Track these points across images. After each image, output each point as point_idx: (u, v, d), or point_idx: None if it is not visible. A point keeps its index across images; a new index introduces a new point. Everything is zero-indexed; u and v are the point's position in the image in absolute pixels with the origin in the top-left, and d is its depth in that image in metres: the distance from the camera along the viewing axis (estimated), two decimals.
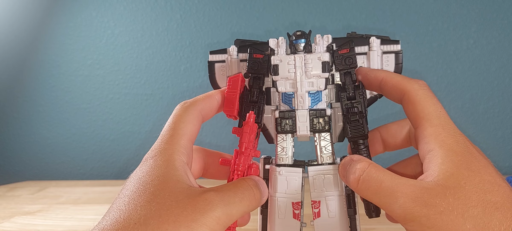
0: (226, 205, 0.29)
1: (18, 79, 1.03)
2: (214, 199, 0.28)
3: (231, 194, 0.30)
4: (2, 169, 1.05)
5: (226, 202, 0.29)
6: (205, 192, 0.29)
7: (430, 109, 0.31)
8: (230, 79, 0.37)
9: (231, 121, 0.38)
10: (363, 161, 0.31)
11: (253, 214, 0.39)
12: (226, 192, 0.30)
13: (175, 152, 0.32)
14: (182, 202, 0.27)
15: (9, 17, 1.01)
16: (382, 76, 0.35)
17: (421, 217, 0.26)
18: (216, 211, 0.28)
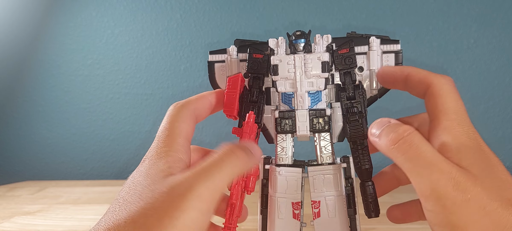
0: (206, 180, 0.28)
1: (18, 79, 1.03)
2: (191, 180, 0.28)
3: (210, 165, 0.29)
4: (2, 169, 1.05)
5: (205, 177, 0.28)
6: (184, 176, 0.28)
7: (450, 104, 0.31)
8: (229, 79, 0.37)
9: (231, 121, 0.38)
10: (406, 125, 0.30)
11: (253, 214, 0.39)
12: (204, 166, 0.29)
13: (172, 150, 0.32)
14: (165, 194, 0.27)
15: (9, 17, 1.01)
16: (408, 71, 0.34)
17: (448, 199, 0.26)
18: (197, 190, 0.27)
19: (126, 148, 0.99)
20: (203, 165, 0.29)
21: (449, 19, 0.87)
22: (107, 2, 0.98)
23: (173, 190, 0.27)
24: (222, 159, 0.30)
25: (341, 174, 0.36)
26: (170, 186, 0.28)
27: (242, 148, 0.32)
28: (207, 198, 0.28)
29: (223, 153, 0.31)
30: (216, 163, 0.30)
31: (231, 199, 0.34)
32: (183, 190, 0.27)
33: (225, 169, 0.29)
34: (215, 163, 0.30)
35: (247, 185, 0.34)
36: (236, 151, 0.31)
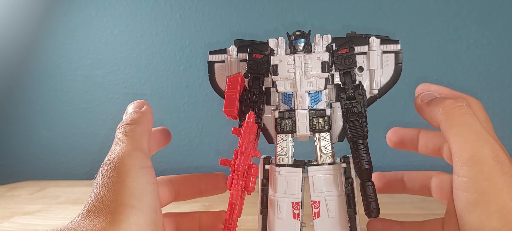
0: (129, 144, 0.31)
1: (18, 79, 1.03)
2: (120, 150, 0.31)
3: (124, 132, 0.33)
4: (1, 169, 1.05)
5: (127, 142, 0.31)
6: None
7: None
8: (229, 79, 0.37)
9: (231, 121, 0.38)
10: (459, 98, 0.32)
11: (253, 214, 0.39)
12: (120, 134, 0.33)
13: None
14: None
15: (9, 17, 1.01)
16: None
17: (486, 166, 0.29)
18: (125, 149, 0.31)
19: None
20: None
21: (449, 20, 0.87)
22: (106, 2, 0.98)
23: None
24: (126, 126, 0.34)
25: (341, 174, 0.36)
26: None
27: (135, 105, 0.36)
28: (136, 157, 0.31)
29: (128, 120, 0.34)
30: (126, 129, 0.34)
31: (231, 199, 0.34)
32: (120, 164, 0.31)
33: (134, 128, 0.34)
34: (125, 129, 0.34)
35: (247, 185, 0.34)
36: (136, 106, 0.35)
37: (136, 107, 0.36)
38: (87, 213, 0.28)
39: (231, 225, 0.34)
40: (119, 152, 0.31)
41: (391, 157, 0.87)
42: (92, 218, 0.27)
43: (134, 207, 0.28)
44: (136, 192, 0.29)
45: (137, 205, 0.28)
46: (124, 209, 0.28)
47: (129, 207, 0.28)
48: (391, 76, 0.38)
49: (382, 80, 0.38)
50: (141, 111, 0.35)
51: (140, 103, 0.36)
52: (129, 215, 0.28)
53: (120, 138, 0.33)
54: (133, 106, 0.36)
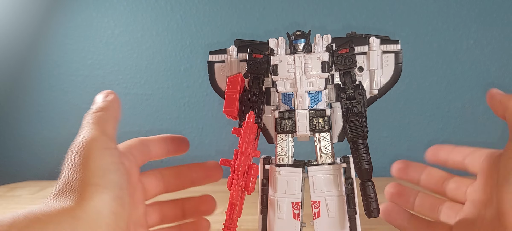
0: (97, 129, 0.33)
1: (18, 80, 1.03)
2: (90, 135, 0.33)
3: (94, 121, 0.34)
4: (2, 169, 1.05)
5: (90, 128, 0.34)
6: None
7: None
8: (229, 79, 0.37)
9: (231, 121, 0.38)
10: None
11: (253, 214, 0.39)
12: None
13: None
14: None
15: (9, 17, 1.01)
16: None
17: None
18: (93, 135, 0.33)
19: None
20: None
21: (449, 20, 0.87)
22: (107, 3, 0.98)
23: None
24: (92, 116, 0.35)
25: (341, 174, 0.36)
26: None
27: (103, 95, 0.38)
28: (101, 141, 0.33)
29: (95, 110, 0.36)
30: (94, 118, 0.35)
31: (231, 199, 0.34)
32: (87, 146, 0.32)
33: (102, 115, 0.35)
34: (93, 119, 0.35)
35: (247, 185, 0.34)
36: (105, 97, 0.37)
37: (103, 97, 0.38)
38: (55, 195, 0.30)
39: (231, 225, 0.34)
40: (83, 137, 0.33)
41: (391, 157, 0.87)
42: (60, 198, 0.29)
43: (98, 185, 0.30)
44: (99, 171, 0.31)
45: (100, 183, 0.30)
46: (88, 188, 0.29)
47: (93, 185, 0.30)
48: (391, 76, 0.38)
49: (382, 80, 0.38)
50: (106, 99, 0.37)
51: (107, 93, 0.38)
52: (93, 192, 0.29)
53: (85, 125, 0.35)
54: (101, 96, 0.38)
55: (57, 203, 0.29)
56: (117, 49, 0.99)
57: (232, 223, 0.34)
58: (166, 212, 0.41)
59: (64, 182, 0.30)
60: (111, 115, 0.36)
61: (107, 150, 0.32)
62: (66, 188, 0.30)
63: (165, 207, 0.41)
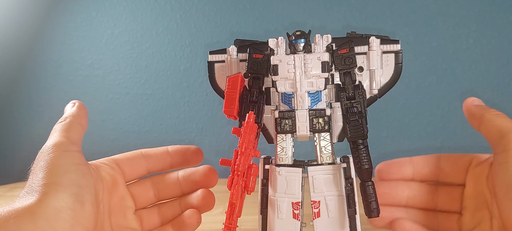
0: (61, 135, 0.36)
1: (18, 79, 1.03)
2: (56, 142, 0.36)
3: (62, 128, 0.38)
4: (2, 169, 1.05)
5: (54, 135, 0.37)
6: None
7: None
8: (229, 79, 0.37)
9: (231, 121, 0.38)
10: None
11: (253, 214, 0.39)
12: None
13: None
14: None
15: (9, 17, 1.01)
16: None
17: None
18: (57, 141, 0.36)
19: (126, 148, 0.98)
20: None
21: (449, 20, 0.87)
22: (107, 2, 0.98)
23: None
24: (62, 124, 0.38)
25: (341, 174, 0.36)
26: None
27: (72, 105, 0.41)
28: (62, 143, 0.36)
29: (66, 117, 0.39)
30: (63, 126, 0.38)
31: (231, 199, 0.34)
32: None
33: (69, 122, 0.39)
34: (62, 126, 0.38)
35: (247, 185, 0.35)
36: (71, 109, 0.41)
37: (70, 106, 0.42)
38: (20, 197, 0.32)
39: (231, 225, 0.34)
40: (46, 144, 0.36)
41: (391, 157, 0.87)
42: (22, 198, 0.32)
43: (56, 183, 0.32)
44: (57, 171, 0.33)
45: (58, 181, 0.32)
46: (47, 186, 0.32)
47: (51, 184, 0.32)
48: (391, 76, 0.38)
49: (382, 80, 0.38)
50: (72, 109, 0.41)
51: (73, 102, 0.42)
52: (51, 190, 0.32)
53: (51, 133, 0.38)
54: (68, 106, 0.42)
55: (20, 202, 0.31)
56: (117, 49, 0.99)
57: (232, 223, 0.34)
58: (165, 210, 0.43)
59: (28, 185, 0.33)
60: (75, 122, 0.39)
61: (68, 152, 0.35)
62: (29, 189, 0.32)
63: (162, 207, 0.43)
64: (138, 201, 0.42)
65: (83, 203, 0.33)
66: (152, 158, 0.43)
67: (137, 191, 0.42)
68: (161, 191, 0.43)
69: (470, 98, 0.39)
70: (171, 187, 0.43)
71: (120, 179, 0.41)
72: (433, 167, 0.41)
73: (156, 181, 0.43)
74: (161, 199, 0.43)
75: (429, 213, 0.41)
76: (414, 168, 0.41)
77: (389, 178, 0.41)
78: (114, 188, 0.40)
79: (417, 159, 0.42)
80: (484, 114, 0.36)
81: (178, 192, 0.43)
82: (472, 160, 0.39)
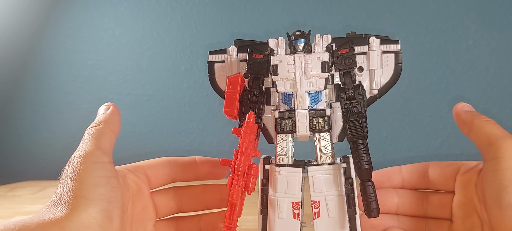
0: (93, 143, 0.35)
1: (19, 80, 1.03)
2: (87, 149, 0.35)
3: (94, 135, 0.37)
4: (2, 169, 1.05)
5: (86, 143, 0.36)
6: None
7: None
8: (229, 79, 0.37)
9: (231, 121, 0.38)
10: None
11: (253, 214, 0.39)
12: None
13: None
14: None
15: (10, 18, 1.01)
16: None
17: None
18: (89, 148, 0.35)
19: (126, 149, 0.99)
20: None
21: (448, 20, 0.88)
22: (108, 3, 0.98)
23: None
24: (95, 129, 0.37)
25: (341, 174, 0.37)
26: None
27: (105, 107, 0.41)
28: (93, 153, 0.35)
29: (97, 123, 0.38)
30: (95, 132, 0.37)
31: (231, 199, 0.34)
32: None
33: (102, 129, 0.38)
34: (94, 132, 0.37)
35: (247, 185, 0.35)
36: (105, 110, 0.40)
37: (104, 109, 0.41)
38: (48, 206, 0.32)
39: (231, 225, 0.34)
40: (78, 151, 0.35)
41: (391, 157, 0.88)
42: (51, 209, 0.31)
43: (86, 197, 0.31)
44: (88, 184, 0.32)
45: (89, 195, 0.32)
46: (77, 200, 0.31)
47: (81, 198, 0.31)
48: (391, 76, 0.38)
49: (382, 80, 0.38)
50: (105, 113, 0.40)
51: (107, 106, 0.41)
52: (80, 205, 0.31)
53: (83, 139, 0.37)
54: (102, 109, 0.41)
55: (48, 213, 0.30)
56: (118, 49, 0.99)
57: (232, 223, 0.34)
58: (183, 228, 0.42)
59: (57, 194, 0.32)
60: (108, 128, 0.38)
61: (99, 163, 0.34)
62: (58, 200, 0.32)
63: (181, 223, 0.42)
64: (159, 210, 0.41)
65: (111, 219, 0.32)
66: (178, 166, 0.42)
67: (160, 200, 0.41)
68: (185, 204, 0.42)
69: (459, 104, 0.39)
70: (195, 200, 0.42)
71: (145, 187, 0.40)
72: (422, 175, 0.41)
73: (180, 193, 0.42)
74: (182, 211, 0.42)
75: (420, 220, 0.41)
76: (404, 177, 0.42)
77: (379, 187, 0.41)
78: (138, 197, 0.39)
79: (406, 167, 0.42)
80: (474, 121, 0.36)
81: (201, 206, 0.42)
82: (460, 168, 0.39)
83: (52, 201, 0.32)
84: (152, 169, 0.41)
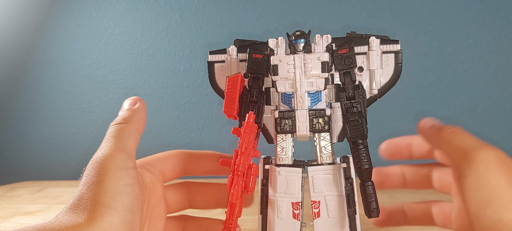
0: (118, 145, 0.33)
1: (18, 79, 1.03)
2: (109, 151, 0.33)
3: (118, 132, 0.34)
4: (2, 169, 1.05)
5: (111, 143, 0.33)
6: None
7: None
8: (229, 79, 0.37)
9: (231, 121, 0.38)
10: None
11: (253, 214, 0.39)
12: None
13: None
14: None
15: (10, 18, 1.01)
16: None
17: (492, 166, 0.31)
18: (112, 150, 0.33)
19: None
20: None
21: (449, 20, 0.88)
22: (107, 3, 0.98)
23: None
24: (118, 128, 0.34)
25: (341, 174, 0.36)
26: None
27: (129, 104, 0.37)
28: (118, 159, 0.32)
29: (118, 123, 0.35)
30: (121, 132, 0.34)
31: (231, 199, 0.34)
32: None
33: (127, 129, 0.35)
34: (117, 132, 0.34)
35: (247, 185, 0.35)
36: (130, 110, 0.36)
37: (130, 104, 0.37)
38: (67, 210, 0.30)
39: (231, 225, 0.34)
40: (102, 153, 0.33)
41: None
42: (71, 214, 0.29)
43: (109, 206, 0.30)
44: (112, 192, 0.30)
45: (112, 204, 0.30)
46: (99, 208, 0.29)
47: (104, 206, 0.29)
48: (391, 76, 0.38)
49: (382, 80, 0.38)
50: (133, 109, 0.36)
51: (134, 100, 0.37)
52: (103, 214, 0.29)
53: (108, 138, 0.34)
54: (127, 104, 0.37)
55: (67, 218, 0.29)
56: (117, 49, 0.99)
57: (232, 223, 0.34)
58: (189, 228, 0.41)
59: (78, 198, 0.30)
60: (134, 127, 0.35)
61: (123, 169, 0.32)
62: (79, 204, 0.30)
63: (188, 223, 0.41)
64: (171, 207, 0.40)
65: (133, 230, 0.31)
66: (190, 160, 0.40)
67: (172, 196, 0.40)
68: (197, 201, 0.41)
69: (422, 120, 0.39)
70: (207, 197, 0.41)
71: (159, 185, 0.38)
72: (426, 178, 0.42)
73: (193, 189, 0.41)
74: (194, 207, 0.41)
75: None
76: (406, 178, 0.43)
77: (379, 187, 0.42)
78: (153, 195, 0.38)
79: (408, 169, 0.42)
80: (441, 135, 0.36)
81: (213, 204, 0.41)
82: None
83: (71, 205, 0.30)
84: (165, 163, 0.39)
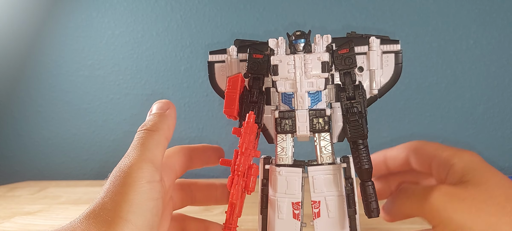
0: (142, 153, 0.32)
1: (19, 80, 1.03)
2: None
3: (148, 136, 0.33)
4: (2, 169, 1.05)
5: (140, 152, 0.32)
6: None
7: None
8: (229, 79, 0.37)
9: (231, 121, 0.38)
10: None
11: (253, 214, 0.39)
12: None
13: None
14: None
15: (10, 18, 1.01)
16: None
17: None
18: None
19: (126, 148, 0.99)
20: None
21: (449, 20, 0.88)
22: (107, 3, 0.98)
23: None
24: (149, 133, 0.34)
25: (341, 174, 0.36)
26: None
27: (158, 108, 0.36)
28: (145, 172, 0.31)
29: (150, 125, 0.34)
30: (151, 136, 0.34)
31: (231, 199, 0.34)
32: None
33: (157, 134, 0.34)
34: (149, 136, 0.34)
35: (247, 185, 0.35)
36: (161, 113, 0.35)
37: (160, 108, 0.36)
38: (86, 216, 0.29)
39: (232, 225, 0.34)
40: (130, 161, 0.31)
41: None
42: (90, 223, 0.28)
43: (130, 222, 0.29)
44: (135, 207, 0.29)
45: (133, 220, 0.29)
46: (119, 222, 0.28)
47: (124, 221, 0.28)
48: (391, 76, 0.38)
49: (382, 80, 0.38)
50: (163, 115, 0.35)
51: (165, 105, 0.36)
52: (123, 228, 0.28)
53: (136, 145, 0.33)
54: (157, 107, 0.36)
55: (85, 227, 0.28)
56: (117, 49, 0.99)
57: (232, 223, 0.34)
58: (190, 228, 0.41)
59: (100, 206, 0.29)
60: (163, 136, 0.34)
61: (150, 183, 0.31)
62: (99, 213, 0.29)
63: (188, 223, 0.41)
64: (175, 205, 0.40)
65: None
66: (194, 153, 0.40)
67: (177, 195, 0.39)
68: (200, 200, 0.41)
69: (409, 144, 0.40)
70: (208, 194, 0.41)
71: (171, 186, 0.38)
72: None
73: (194, 188, 0.41)
74: (195, 204, 0.41)
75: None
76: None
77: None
78: (165, 197, 0.36)
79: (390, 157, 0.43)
80: (436, 153, 0.37)
81: (213, 200, 0.41)
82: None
83: (91, 212, 0.29)
84: (176, 161, 0.38)
